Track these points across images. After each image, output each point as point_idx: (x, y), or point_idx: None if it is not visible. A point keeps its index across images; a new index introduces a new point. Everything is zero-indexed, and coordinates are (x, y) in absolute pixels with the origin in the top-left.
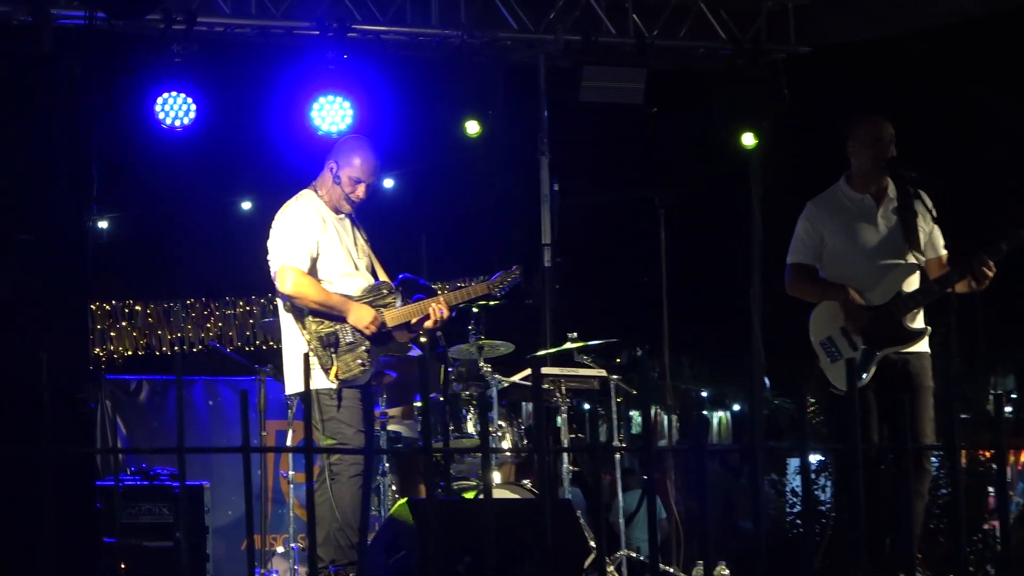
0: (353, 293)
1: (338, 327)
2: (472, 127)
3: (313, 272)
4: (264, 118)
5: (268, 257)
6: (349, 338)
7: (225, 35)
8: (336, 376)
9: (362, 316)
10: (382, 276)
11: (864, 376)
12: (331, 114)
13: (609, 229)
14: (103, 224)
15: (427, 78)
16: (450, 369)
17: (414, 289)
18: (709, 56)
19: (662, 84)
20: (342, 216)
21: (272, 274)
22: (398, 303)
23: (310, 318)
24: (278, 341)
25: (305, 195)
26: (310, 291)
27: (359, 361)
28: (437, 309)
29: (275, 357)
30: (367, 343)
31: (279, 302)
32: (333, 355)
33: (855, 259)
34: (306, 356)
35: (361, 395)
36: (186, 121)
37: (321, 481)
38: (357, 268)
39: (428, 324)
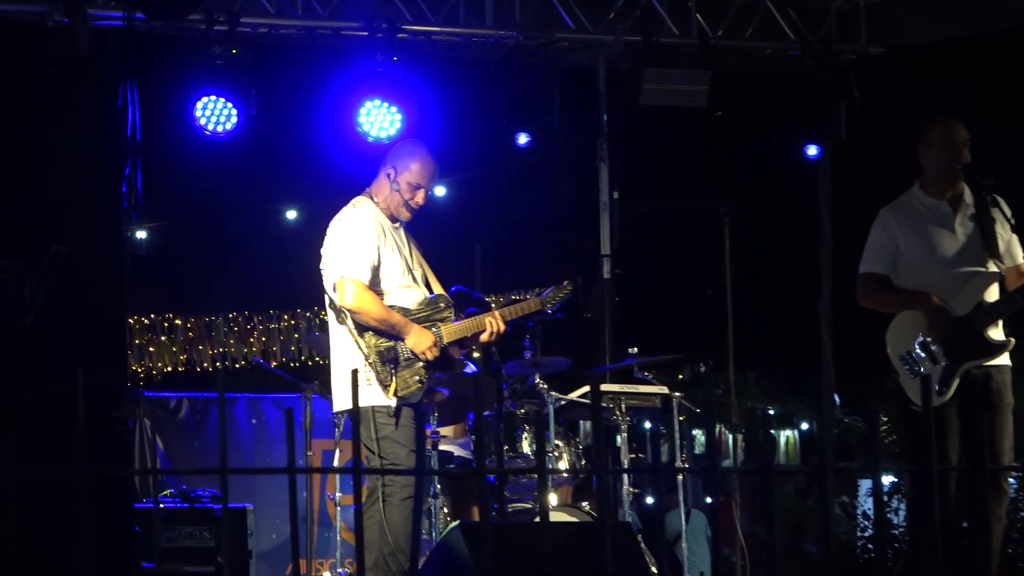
0: (410, 306)
1: (397, 342)
2: (525, 136)
3: (373, 282)
4: (310, 123)
5: (322, 267)
6: (407, 353)
7: (269, 36)
8: (395, 393)
9: (421, 340)
10: (437, 288)
11: (946, 392)
12: (379, 119)
13: (671, 239)
14: (142, 234)
15: (480, 81)
16: (504, 386)
17: (467, 302)
18: (776, 57)
19: (727, 87)
20: (398, 225)
21: (329, 285)
22: (454, 317)
23: (371, 332)
24: (325, 356)
25: (361, 202)
26: (372, 307)
27: (417, 378)
28: (494, 323)
29: (321, 373)
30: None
31: (330, 314)
32: (393, 371)
33: (933, 268)
34: (354, 372)
35: (414, 413)
36: (228, 126)
37: (371, 503)
38: (415, 280)
39: (484, 338)
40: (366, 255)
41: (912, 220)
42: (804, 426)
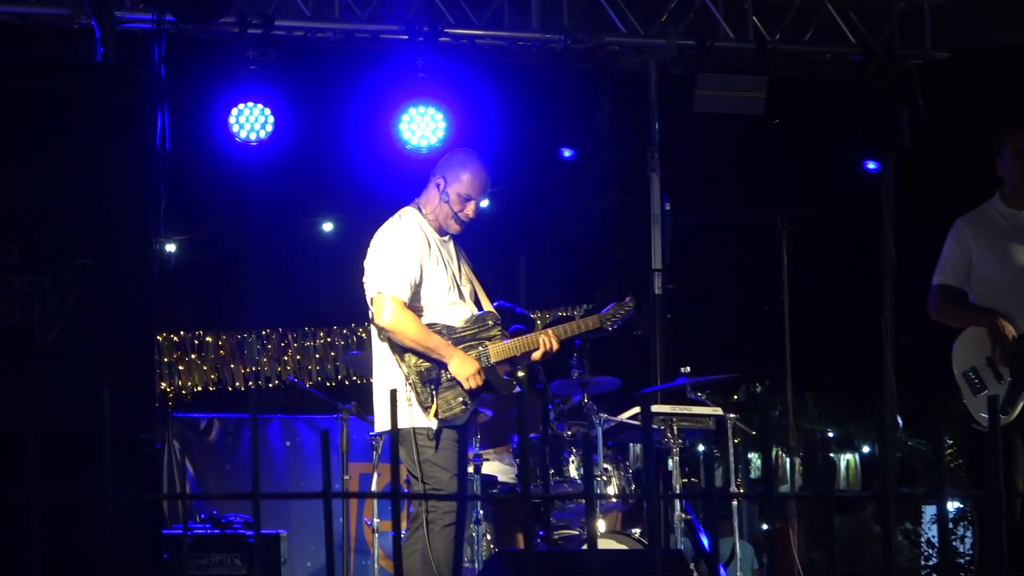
0: (456, 324)
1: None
2: (569, 151)
3: (416, 299)
4: (348, 131)
5: (364, 280)
6: (451, 374)
7: (305, 40)
8: (436, 415)
9: (464, 368)
10: (487, 305)
11: (1010, 412)
12: (421, 126)
13: (726, 253)
14: (171, 247)
15: (526, 87)
16: (551, 407)
17: (510, 319)
18: (837, 62)
19: (785, 93)
20: (446, 238)
21: (368, 300)
22: (503, 336)
23: (410, 351)
24: (362, 376)
25: (408, 213)
26: (409, 327)
27: (460, 399)
28: (547, 342)
29: (358, 393)
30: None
31: (373, 330)
32: (434, 392)
33: (1005, 281)
34: (392, 392)
35: (457, 436)
36: (262, 134)
37: (413, 530)
38: (462, 296)
39: (536, 357)
40: (407, 270)
41: (987, 230)
42: (865, 449)
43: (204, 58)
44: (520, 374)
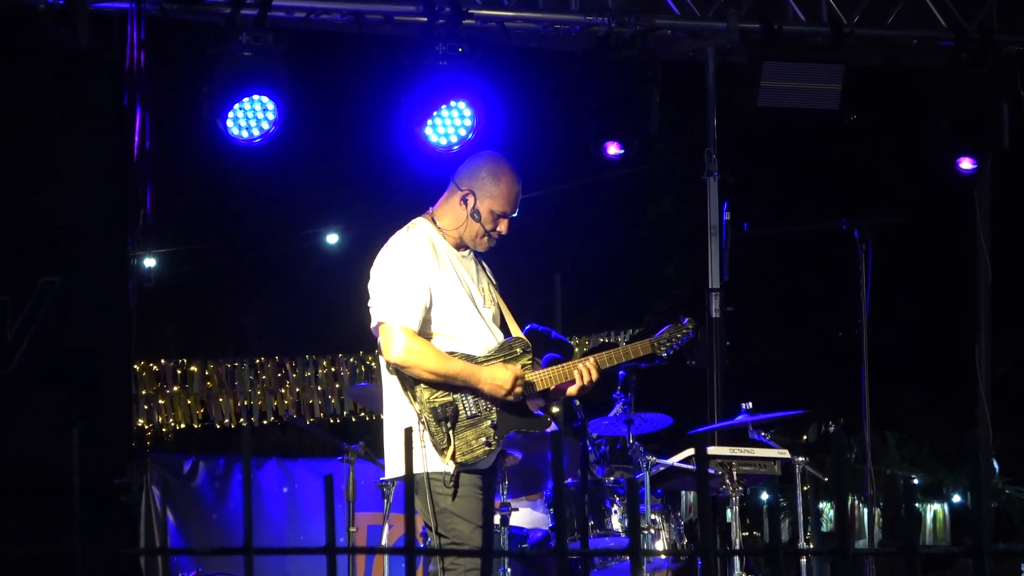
0: (478, 353)
1: (457, 396)
2: (615, 147)
3: (427, 325)
4: (357, 128)
5: (369, 305)
6: (471, 409)
7: (308, 22)
8: (453, 458)
9: (497, 378)
10: (514, 330)
11: None
12: (445, 123)
13: (795, 269)
14: (151, 262)
15: (563, 77)
16: (591, 448)
17: (544, 346)
18: (924, 49)
19: (864, 85)
20: (466, 253)
21: (372, 329)
22: (534, 365)
23: (422, 385)
24: (371, 411)
25: (418, 225)
26: (423, 358)
27: (483, 439)
28: (585, 372)
29: (367, 431)
30: (493, 416)
31: (382, 360)
32: (450, 431)
33: None
34: (407, 431)
35: (481, 482)
36: (258, 132)
37: None
38: (484, 320)
39: (572, 391)
40: (414, 294)
41: None
42: (956, 499)
43: (192, 44)
44: (555, 410)
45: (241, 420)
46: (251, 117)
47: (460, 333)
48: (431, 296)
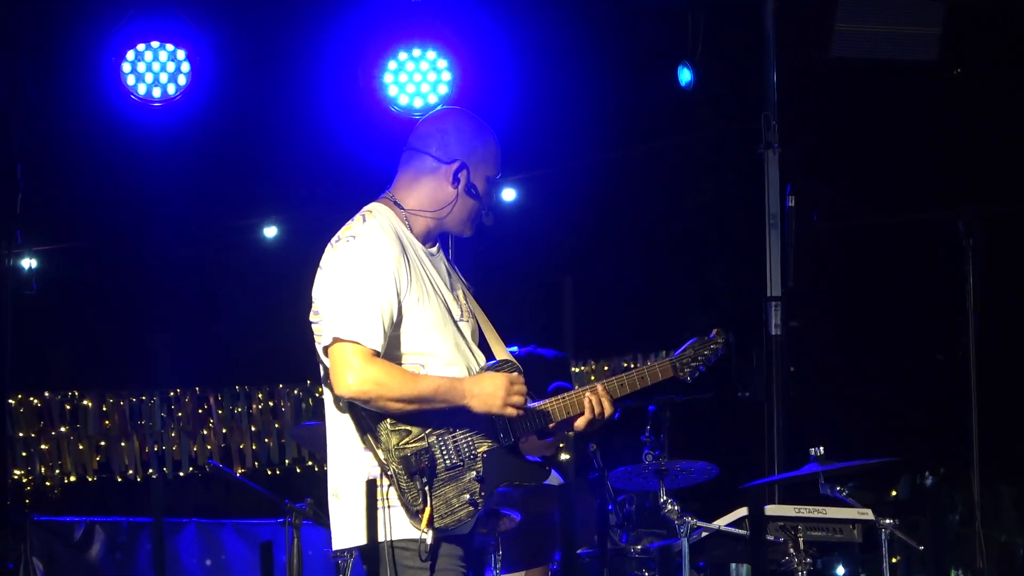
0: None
1: (433, 441)
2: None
3: (393, 346)
4: (303, 86)
5: (314, 320)
6: (451, 458)
7: None
8: (431, 523)
9: (486, 386)
10: (499, 351)
11: None
12: (414, 78)
13: (879, 273)
14: (31, 262)
15: (573, 25)
16: (611, 508)
17: (541, 373)
18: None
19: (969, 30)
20: (436, 248)
21: (319, 351)
22: (530, 396)
23: (387, 425)
24: (322, 459)
25: (376, 214)
26: (387, 385)
27: (467, 496)
28: (595, 401)
29: (315, 486)
30: (479, 467)
31: (327, 396)
32: (426, 488)
33: None
34: (370, 484)
35: (463, 552)
36: (172, 91)
37: None
38: (463, 337)
39: (579, 425)
40: (379, 307)
41: None
42: None
43: None
44: (564, 457)
45: (150, 471)
46: (163, 70)
47: (436, 357)
48: (399, 308)
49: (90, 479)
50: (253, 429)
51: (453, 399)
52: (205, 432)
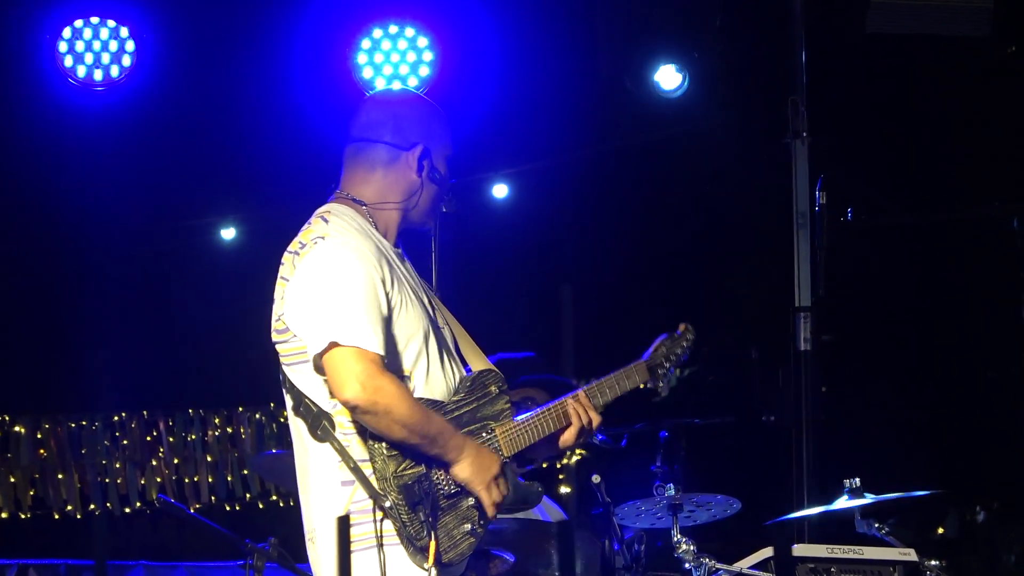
0: (439, 396)
1: (432, 468)
2: (668, 79)
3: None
4: (265, 66)
5: (280, 340)
6: (451, 485)
7: None
8: (436, 559)
9: (480, 465)
10: (476, 360)
11: None
12: (392, 58)
13: (923, 279)
14: None
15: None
16: (617, 547)
17: (511, 375)
18: None
19: None
20: (399, 249)
21: (315, 356)
22: (512, 408)
23: (383, 450)
24: (288, 493)
25: (335, 214)
26: (398, 402)
27: (468, 526)
28: (580, 411)
29: (281, 522)
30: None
31: (296, 423)
32: (430, 520)
33: None
34: (342, 520)
35: None
36: (115, 72)
37: None
38: (442, 347)
39: (568, 437)
40: (372, 308)
41: None
42: None
43: None
44: (564, 490)
45: (92, 507)
46: (98, 50)
47: (419, 369)
48: (390, 312)
49: (23, 516)
50: (209, 459)
51: (446, 454)
52: (154, 462)
